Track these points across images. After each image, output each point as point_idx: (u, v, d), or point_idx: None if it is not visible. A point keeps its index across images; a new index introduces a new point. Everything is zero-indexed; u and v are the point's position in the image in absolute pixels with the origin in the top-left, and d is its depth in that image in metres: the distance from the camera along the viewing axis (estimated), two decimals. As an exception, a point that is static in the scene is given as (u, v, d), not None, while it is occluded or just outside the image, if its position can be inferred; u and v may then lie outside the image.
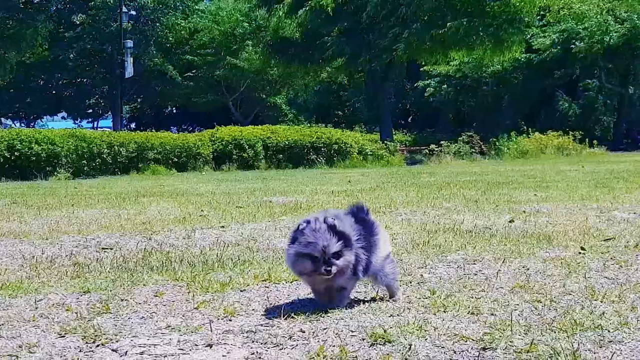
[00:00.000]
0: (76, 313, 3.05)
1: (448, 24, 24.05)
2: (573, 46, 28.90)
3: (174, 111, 51.52)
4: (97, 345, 2.58)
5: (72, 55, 37.49)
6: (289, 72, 33.10)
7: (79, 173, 20.35)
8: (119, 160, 21.20)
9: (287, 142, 22.75)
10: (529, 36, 28.75)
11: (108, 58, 38.27)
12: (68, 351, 2.51)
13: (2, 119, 49.37)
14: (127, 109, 44.35)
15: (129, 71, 30.49)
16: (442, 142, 23.45)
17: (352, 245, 2.89)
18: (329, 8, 24.73)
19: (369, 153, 22.95)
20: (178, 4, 38.21)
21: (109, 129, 34.15)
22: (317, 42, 27.22)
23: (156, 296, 3.38)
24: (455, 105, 37.93)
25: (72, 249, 5.05)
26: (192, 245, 5.14)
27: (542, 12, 28.56)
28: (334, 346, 2.50)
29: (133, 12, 35.82)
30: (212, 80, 38.34)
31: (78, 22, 36.70)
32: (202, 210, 7.87)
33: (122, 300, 3.31)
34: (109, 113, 43.94)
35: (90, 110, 46.20)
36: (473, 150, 23.04)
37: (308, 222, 2.88)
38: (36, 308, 3.17)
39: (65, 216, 7.67)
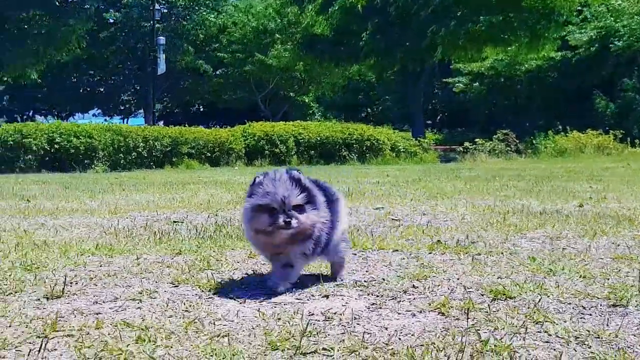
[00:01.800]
0: (178, 269, 3.04)
1: (481, 17, 23.82)
2: (612, 45, 28.48)
3: (202, 109, 51.77)
4: (214, 293, 2.57)
5: (106, 54, 37.86)
6: (318, 69, 33.05)
7: (116, 166, 20.51)
8: (154, 154, 21.32)
9: (318, 138, 22.70)
10: (564, 33, 28.38)
11: (140, 55, 38.54)
12: (187, 297, 2.51)
13: (37, 116, 50.02)
14: (158, 107, 44.72)
15: (162, 68, 30.62)
16: (476, 140, 23.22)
17: (317, 205, 2.50)
18: (359, 5, 24.63)
19: (401, 150, 22.79)
20: (208, 0, 38.35)
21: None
22: (349, 40, 27.14)
23: (250, 257, 3.36)
24: (486, 103, 37.55)
25: (145, 222, 5.05)
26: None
27: (579, 8, 28.14)
28: (454, 299, 2.45)
29: (165, 10, 36.04)
30: (241, 77, 38.40)
31: (111, 21, 36.99)
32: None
33: (217, 260, 3.29)
34: (141, 110, 44.28)
35: (122, 107, 46.60)
36: (509, 148, 22.77)
37: (266, 173, 2.52)
38: (138, 264, 3.17)
39: (121, 199, 7.70)
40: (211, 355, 1.81)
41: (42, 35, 28.31)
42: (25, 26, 29.47)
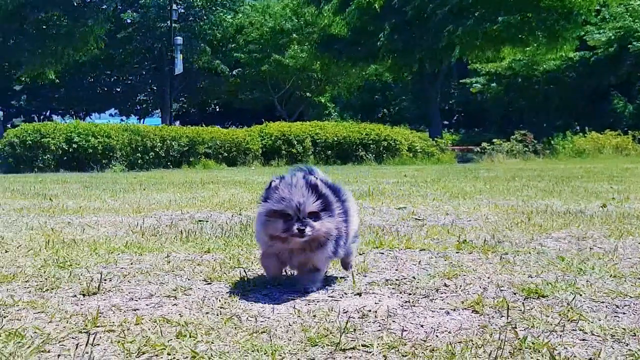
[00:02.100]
0: (209, 267, 3.07)
1: (500, 18, 23.75)
2: (630, 46, 28.29)
3: (217, 109, 51.96)
4: (247, 290, 2.60)
5: (123, 54, 38.11)
6: (335, 69, 33.08)
7: (133, 166, 20.61)
8: (171, 154, 21.40)
9: (335, 139, 22.70)
10: (583, 33, 28.21)
11: (157, 55, 38.73)
12: (221, 294, 2.54)
13: (54, 115, 50.39)
14: (175, 107, 45.00)
15: (179, 68, 30.76)
16: (494, 140, 23.15)
17: (333, 213, 2.46)
18: (376, 4, 24.62)
19: (418, 150, 22.75)
20: (225, 1, 38.48)
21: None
22: (366, 40, 27.14)
23: (279, 256, 3.39)
24: (503, 104, 37.39)
25: (169, 221, 5.10)
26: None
27: (597, 8, 27.96)
28: (487, 298, 2.46)
29: (182, 10, 36.21)
30: (258, 77, 38.51)
31: (128, 21, 37.22)
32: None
33: (246, 258, 3.32)
34: (158, 110, 44.51)
35: (139, 107, 46.86)
36: (527, 149, 22.68)
37: (282, 177, 2.47)
38: (169, 262, 3.20)
39: (142, 198, 7.76)
40: (252, 351, 1.83)
41: (60, 35, 28.55)
42: (44, 26, 29.73)
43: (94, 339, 1.92)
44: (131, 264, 3.22)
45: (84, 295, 2.54)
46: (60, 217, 5.52)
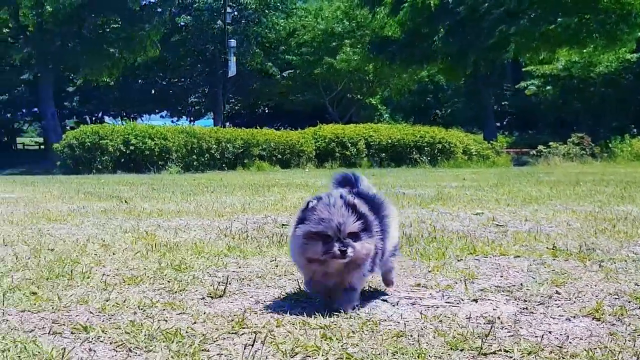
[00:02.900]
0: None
1: (559, 20, 23.46)
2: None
3: (266, 111, 52.36)
4: (368, 296, 2.69)
5: (176, 57, 38.76)
6: (388, 71, 33.07)
7: (189, 168, 20.96)
8: (226, 156, 21.70)
9: (389, 141, 22.73)
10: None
11: (210, 57, 39.27)
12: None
13: (105, 117, 51.39)
14: (225, 108, 45.52)
15: (232, 70, 31.16)
16: (550, 143, 22.88)
17: (373, 232, 2.40)
18: (431, 2, 24.54)
19: (473, 153, 22.64)
20: (278, 4, 38.82)
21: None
22: (420, 42, 27.10)
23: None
24: (558, 106, 36.84)
25: (255, 225, 5.24)
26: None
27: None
28: (605, 305, 2.52)
29: (235, 13, 36.64)
30: (309, 79, 38.76)
31: (182, 24, 37.83)
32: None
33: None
34: (210, 112, 45.08)
35: (191, 109, 47.53)
36: (584, 152, 22.37)
37: (320, 198, 2.39)
38: (276, 266, 3.33)
39: (213, 200, 7.94)
40: (401, 354, 1.93)
41: (118, 40, 29.17)
42: (100, 31, 30.44)
43: (253, 339, 2.05)
44: (239, 267, 3.36)
45: (211, 297, 2.68)
46: (147, 220, 5.72)
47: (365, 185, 2.65)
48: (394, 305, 2.54)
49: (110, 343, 2.07)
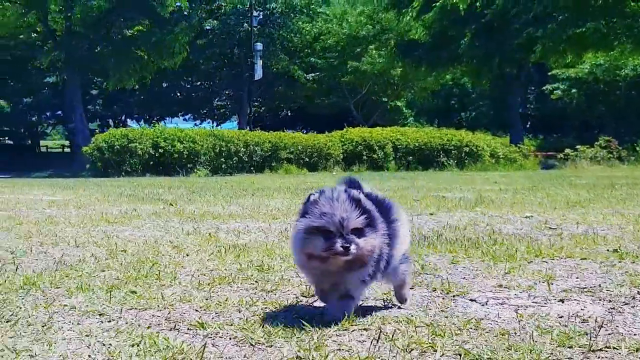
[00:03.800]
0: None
1: (588, 24, 23.40)
2: None
3: (289, 114, 52.55)
4: (454, 296, 2.79)
5: (202, 60, 39.10)
6: (415, 74, 33.15)
7: (216, 170, 21.14)
8: (254, 158, 21.86)
9: (416, 144, 22.80)
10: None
11: (236, 61, 39.56)
12: (431, 298, 2.74)
13: (128, 120, 51.83)
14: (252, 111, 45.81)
15: (259, 73, 31.38)
16: (577, 146, 22.84)
17: (378, 228, 2.26)
18: (460, 6, 24.58)
19: (501, 156, 22.66)
20: (304, 9, 39.04)
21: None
22: (447, 45, 27.15)
23: (452, 263, 3.58)
24: (582, 109, 36.71)
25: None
26: (421, 227, 5.33)
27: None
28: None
29: (261, 17, 36.91)
30: (334, 83, 38.95)
31: (208, 28, 38.15)
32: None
33: (452, 263, 3.56)
34: (235, 115, 45.39)
35: (216, 112, 47.85)
36: (611, 155, 22.31)
37: (323, 191, 2.27)
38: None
39: (257, 204, 8.06)
40: (513, 350, 2.02)
41: (148, 44, 29.47)
42: (129, 34, 30.78)
43: (378, 335, 2.15)
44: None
45: (305, 296, 2.79)
46: (204, 222, 5.85)
47: (368, 190, 2.48)
48: (483, 305, 2.63)
49: (230, 339, 2.18)
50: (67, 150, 48.91)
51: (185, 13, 31.43)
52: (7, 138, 50.01)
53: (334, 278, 2.28)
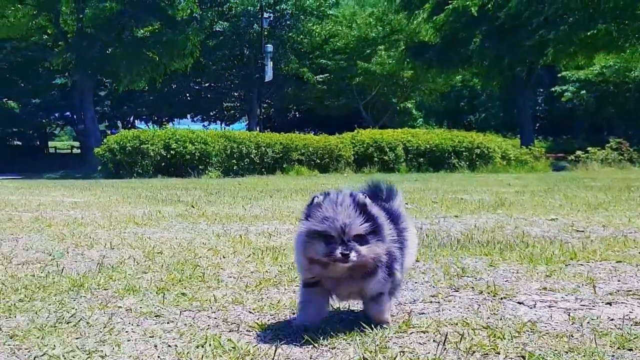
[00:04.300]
0: (439, 275, 3.33)
1: (599, 26, 23.40)
2: None
3: (297, 115, 52.63)
4: (501, 298, 2.82)
5: (212, 61, 39.21)
6: (425, 76, 33.18)
7: (228, 172, 21.15)
8: (265, 160, 21.87)
9: (427, 146, 22.81)
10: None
11: (246, 62, 39.68)
12: (479, 301, 2.78)
13: (137, 121, 51.93)
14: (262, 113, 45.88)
15: (269, 75, 31.46)
16: (588, 148, 22.83)
17: (383, 237, 2.19)
18: (472, 9, 24.56)
19: (512, 158, 22.65)
20: (315, 11, 39.14)
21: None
22: (457, 47, 27.17)
23: (491, 266, 3.61)
24: (592, 111, 36.68)
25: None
26: (449, 230, 5.36)
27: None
28: None
29: (272, 18, 37.00)
30: (344, 84, 39.04)
31: (218, 29, 38.29)
32: (406, 204, 8.10)
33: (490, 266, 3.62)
34: (244, 116, 45.50)
35: (226, 113, 47.95)
36: (622, 157, 22.28)
37: (327, 194, 2.21)
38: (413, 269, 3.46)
39: (276, 205, 8.11)
40: (575, 352, 2.05)
41: (159, 45, 29.55)
42: (140, 35, 30.88)
43: (444, 339, 2.19)
44: (356, 270, 3.49)
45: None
46: (231, 224, 5.90)
47: (400, 198, 2.51)
48: (531, 308, 2.67)
49: (292, 340, 2.21)
50: (75, 151, 49.06)
51: (196, 15, 31.54)
52: (16, 139, 50.18)
53: (349, 287, 2.24)
